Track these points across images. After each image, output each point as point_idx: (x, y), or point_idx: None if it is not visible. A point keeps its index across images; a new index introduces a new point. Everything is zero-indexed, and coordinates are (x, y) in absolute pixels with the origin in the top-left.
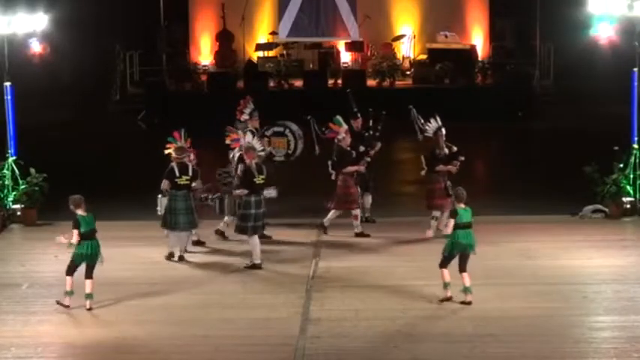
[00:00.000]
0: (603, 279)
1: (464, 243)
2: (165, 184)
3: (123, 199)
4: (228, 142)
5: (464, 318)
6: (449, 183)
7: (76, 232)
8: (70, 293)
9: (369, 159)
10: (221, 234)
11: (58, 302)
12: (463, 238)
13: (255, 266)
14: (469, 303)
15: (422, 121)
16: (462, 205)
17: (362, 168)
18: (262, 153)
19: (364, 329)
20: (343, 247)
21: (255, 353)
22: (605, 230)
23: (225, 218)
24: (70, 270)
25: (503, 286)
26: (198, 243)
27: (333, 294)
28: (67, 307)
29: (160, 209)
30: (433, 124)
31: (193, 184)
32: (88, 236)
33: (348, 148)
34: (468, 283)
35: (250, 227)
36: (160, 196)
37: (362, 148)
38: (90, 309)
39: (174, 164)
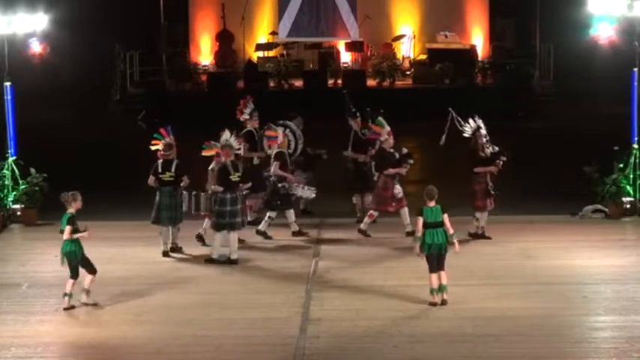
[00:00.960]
0: (603, 279)
1: (429, 244)
2: (150, 180)
3: (123, 199)
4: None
5: (464, 318)
6: (491, 184)
7: (68, 228)
8: (69, 296)
9: (411, 161)
10: (200, 238)
11: (65, 309)
12: (428, 238)
13: (231, 261)
14: (443, 302)
15: (461, 122)
16: (431, 204)
17: (403, 170)
18: (239, 151)
19: (364, 329)
20: (343, 247)
21: (255, 353)
22: (605, 230)
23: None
24: (74, 272)
25: (503, 286)
26: (200, 238)
27: (333, 294)
28: (73, 307)
29: None
30: (472, 125)
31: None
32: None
33: (391, 150)
34: (444, 281)
35: (228, 224)
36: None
37: (405, 150)
38: (66, 309)
39: (159, 161)
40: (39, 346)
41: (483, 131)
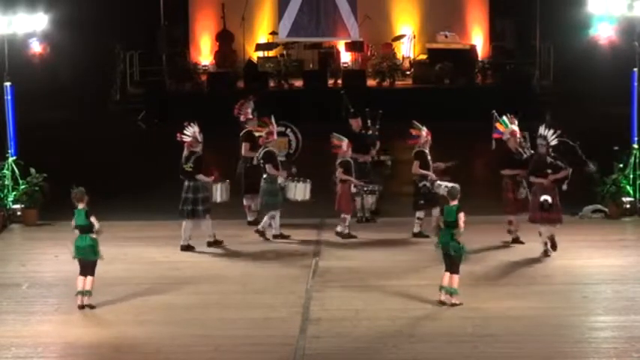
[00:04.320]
0: (603, 279)
1: (441, 242)
2: (270, 168)
3: (123, 199)
4: (413, 134)
5: (464, 318)
6: (543, 197)
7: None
8: (80, 293)
9: None
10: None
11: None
12: (441, 237)
13: (188, 248)
14: (453, 304)
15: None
16: (453, 203)
17: (523, 172)
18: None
19: (364, 329)
20: (343, 247)
21: (255, 353)
22: (605, 230)
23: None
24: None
25: (503, 286)
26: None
27: (333, 294)
28: (81, 306)
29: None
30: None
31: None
32: (79, 230)
33: (518, 149)
34: (454, 284)
35: (179, 210)
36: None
37: (532, 152)
38: (83, 307)
39: (271, 148)
40: (39, 346)
41: (541, 140)
